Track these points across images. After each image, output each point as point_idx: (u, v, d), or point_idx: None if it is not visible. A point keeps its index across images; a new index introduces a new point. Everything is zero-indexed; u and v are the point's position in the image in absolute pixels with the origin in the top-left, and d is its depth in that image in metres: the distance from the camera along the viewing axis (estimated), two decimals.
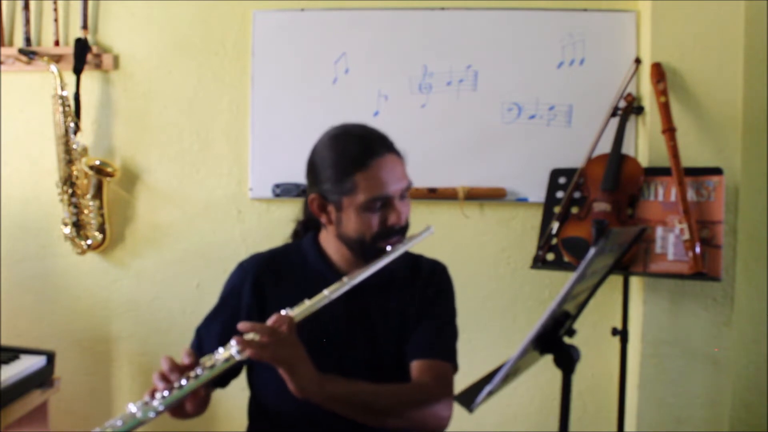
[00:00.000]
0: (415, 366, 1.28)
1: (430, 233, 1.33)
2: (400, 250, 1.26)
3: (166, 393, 1.05)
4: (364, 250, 1.25)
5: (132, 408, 1.03)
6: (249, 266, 1.36)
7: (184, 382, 1.06)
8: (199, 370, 1.07)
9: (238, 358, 1.08)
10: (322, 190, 1.25)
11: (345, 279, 1.20)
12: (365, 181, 1.20)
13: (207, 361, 1.09)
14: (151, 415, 1.03)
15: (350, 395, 1.16)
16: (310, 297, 1.17)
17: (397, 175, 1.24)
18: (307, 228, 1.41)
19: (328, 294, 1.17)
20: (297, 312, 1.14)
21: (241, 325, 1.09)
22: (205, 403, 1.14)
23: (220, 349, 1.10)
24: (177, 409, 1.10)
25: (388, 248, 1.24)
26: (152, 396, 1.05)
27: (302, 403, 1.11)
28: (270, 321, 1.11)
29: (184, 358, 1.10)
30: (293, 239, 1.45)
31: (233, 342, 1.09)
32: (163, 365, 1.08)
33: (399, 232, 1.26)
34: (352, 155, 1.22)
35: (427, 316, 1.32)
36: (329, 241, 1.32)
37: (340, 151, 1.24)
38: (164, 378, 1.07)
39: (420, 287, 1.35)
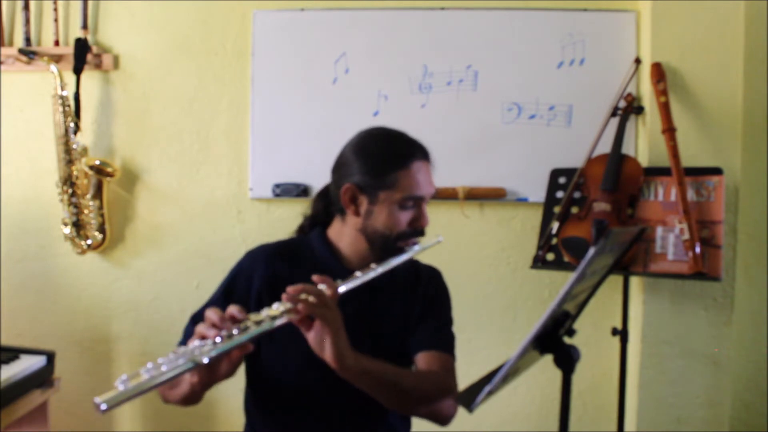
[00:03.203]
0: (422, 357, 1.31)
1: (439, 242, 1.39)
2: (414, 252, 1.30)
3: (218, 339, 1.01)
4: (385, 245, 1.28)
5: (183, 350, 0.99)
6: (259, 254, 1.37)
7: (235, 331, 1.03)
8: (249, 323, 1.05)
9: (288, 317, 1.06)
10: (358, 181, 1.28)
11: (373, 265, 1.24)
12: (405, 180, 1.26)
13: (255, 317, 1.06)
14: (205, 360, 0.97)
15: (380, 372, 1.17)
16: None
17: (429, 181, 1.32)
18: (314, 224, 1.42)
19: (361, 275, 1.20)
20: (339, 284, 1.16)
21: (291, 289, 1.08)
22: (234, 369, 1.09)
23: (266, 308, 1.08)
24: (212, 370, 1.06)
25: (406, 249, 1.29)
26: (203, 342, 1.01)
27: (303, 392, 1.10)
28: (317, 282, 1.12)
29: (234, 312, 1.06)
30: (298, 234, 1.46)
31: (277, 305, 1.08)
32: (213, 316, 1.05)
33: (420, 233, 1.31)
34: (397, 153, 1.29)
35: (429, 315, 1.36)
36: (343, 235, 1.34)
37: (386, 148, 1.30)
38: (215, 326, 1.04)
39: (420, 293, 1.38)
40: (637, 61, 2.17)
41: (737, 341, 2.15)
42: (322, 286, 1.12)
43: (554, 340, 1.10)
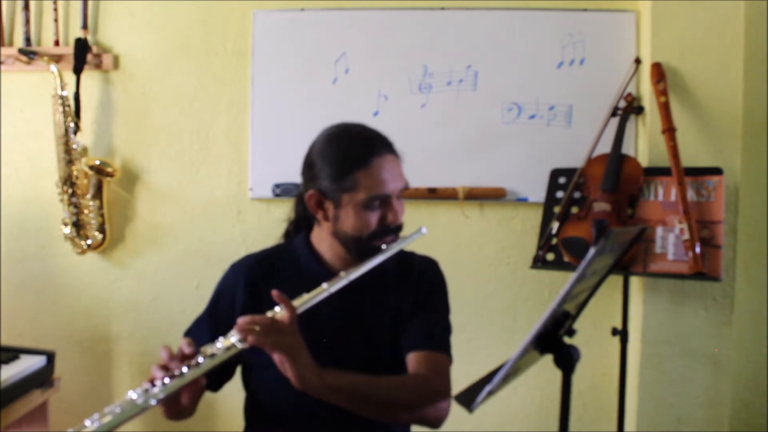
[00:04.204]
0: (412, 357, 1.28)
1: (422, 234, 1.33)
2: (394, 249, 1.27)
3: (167, 380, 1.03)
4: (360, 247, 1.26)
5: (132, 395, 1.01)
6: (242, 267, 1.36)
7: (185, 369, 1.04)
8: (200, 359, 1.06)
9: (239, 346, 1.07)
10: (321, 187, 1.25)
11: (342, 274, 1.21)
12: (366, 180, 1.22)
13: (208, 349, 1.08)
14: (152, 402, 1.00)
15: (349, 387, 1.16)
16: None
17: (395, 175, 1.26)
18: (298, 227, 1.41)
19: (327, 287, 1.18)
20: (297, 303, 1.14)
21: (241, 319, 1.08)
22: (197, 400, 1.12)
23: (221, 338, 1.09)
24: (171, 405, 1.08)
25: (383, 247, 1.26)
26: (152, 384, 1.03)
27: (299, 401, 1.11)
28: (276, 299, 1.11)
29: (184, 348, 1.08)
30: (284, 239, 1.45)
31: (233, 332, 1.08)
32: (162, 355, 1.07)
33: (394, 230, 1.27)
34: (354, 153, 1.23)
35: (421, 310, 1.33)
36: (322, 240, 1.32)
37: (342, 149, 1.25)
38: (164, 368, 1.06)
39: (413, 283, 1.35)
40: (637, 61, 2.17)
41: (737, 341, 2.15)
42: (278, 308, 1.11)
43: (554, 340, 1.10)
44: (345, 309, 1.29)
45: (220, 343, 1.08)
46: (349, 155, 1.24)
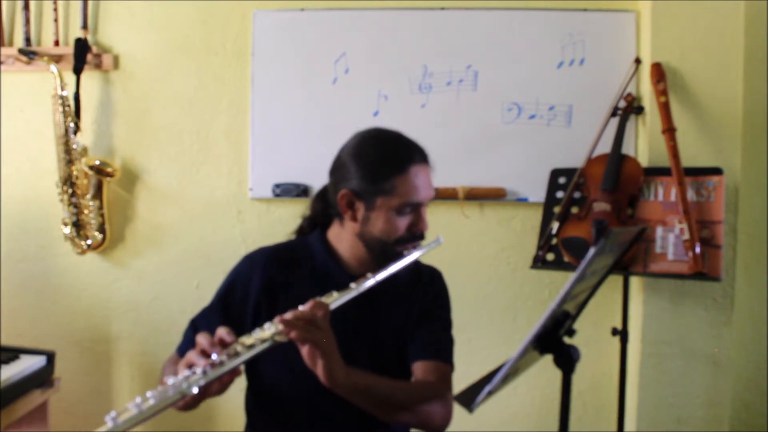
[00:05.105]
0: (418, 366, 1.30)
1: (440, 243, 1.36)
2: (415, 255, 1.28)
3: (208, 368, 1.00)
4: (383, 251, 1.27)
5: (172, 381, 0.98)
6: (258, 258, 1.36)
7: (225, 358, 1.02)
8: (239, 348, 1.04)
9: (278, 339, 1.06)
10: (355, 187, 1.26)
11: (369, 274, 1.21)
12: (402, 185, 1.24)
13: (246, 340, 1.06)
14: (194, 389, 0.97)
15: (372, 387, 1.17)
16: (319, 292, 1.17)
17: (428, 184, 1.29)
18: (313, 225, 1.41)
19: (356, 287, 1.18)
20: (330, 301, 1.14)
21: (288, 315, 1.07)
22: (227, 388, 1.08)
23: (257, 330, 1.08)
24: (201, 390, 1.04)
25: (405, 253, 1.27)
26: (192, 371, 1.01)
27: (301, 396, 1.11)
28: (307, 306, 1.11)
29: (224, 336, 1.06)
30: (297, 235, 1.45)
31: (268, 325, 1.07)
32: (203, 342, 1.05)
33: (419, 238, 1.29)
34: (393, 158, 1.26)
35: (428, 319, 1.35)
36: (342, 239, 1.33)
37: (382, 152, 1.27)
38: (204, 354, 1.03)
39: (420, 292, 1.37)
40: (637, 61, 2.17)
41: (737, 341, 2.15)
42: (301, 307, 1.10)
43: (554, 340, 1.10)
44: (354, 315, 1.28)
45: (258, 334, 1.07)
46: (389, 159, 1.26)
